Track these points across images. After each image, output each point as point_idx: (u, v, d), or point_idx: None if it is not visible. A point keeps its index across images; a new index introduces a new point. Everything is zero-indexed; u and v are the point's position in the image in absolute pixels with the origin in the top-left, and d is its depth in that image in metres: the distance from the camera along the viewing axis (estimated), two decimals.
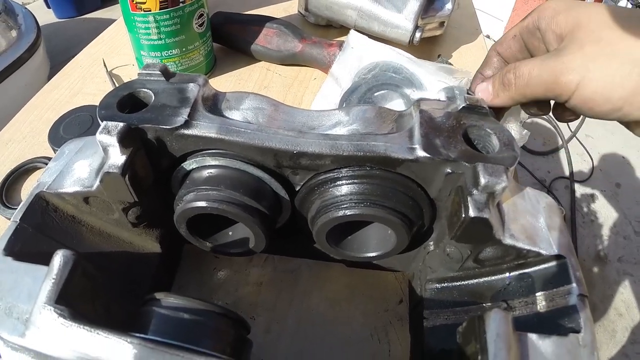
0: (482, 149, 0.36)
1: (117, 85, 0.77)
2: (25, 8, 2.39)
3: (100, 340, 0.27)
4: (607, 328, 1.62)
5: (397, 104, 0.63)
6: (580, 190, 2.09)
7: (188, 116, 0.36)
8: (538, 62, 0.36)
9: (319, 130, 0.38)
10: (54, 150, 0.62)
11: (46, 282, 0.29)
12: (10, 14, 2.14)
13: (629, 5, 2.77)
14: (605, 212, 2.04)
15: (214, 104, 0.39)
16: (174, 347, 0.26)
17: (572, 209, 1.98)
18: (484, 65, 0.45)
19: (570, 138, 2.19)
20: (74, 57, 0.87)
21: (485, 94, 0.40)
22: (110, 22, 1.00)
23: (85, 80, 0.81)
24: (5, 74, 1.97)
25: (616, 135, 2.29)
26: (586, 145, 2.26)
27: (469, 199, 0.33)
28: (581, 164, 2.20)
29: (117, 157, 0.35)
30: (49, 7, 3.52)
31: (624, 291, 1.75)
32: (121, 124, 0.34)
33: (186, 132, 0.35)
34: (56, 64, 2.63)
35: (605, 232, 1.96)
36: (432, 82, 0.64)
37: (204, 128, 0.35)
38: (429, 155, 0.33)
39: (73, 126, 0.65)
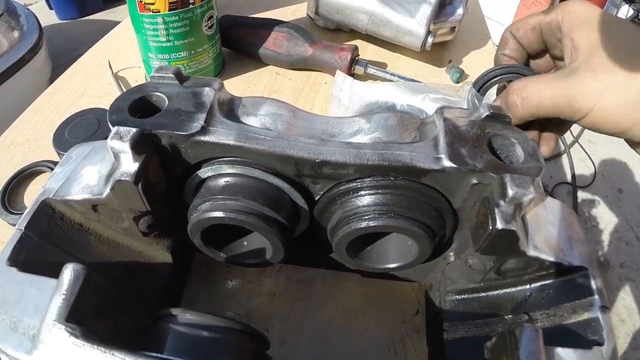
0: (506, 158, 0.35)
1: (123, 87, 0.76)
2: (28, 9, 2.40)
3: None
4: None
5: None
6: (582, 195, 2.10)
7: (204, 122, 0.34)
8: (549, 84, 0.37)
9: (339, 138, 0.37)
10: (59, 154, 0.61)
11: (56, 297, 0.28)
12: (13, 14, 2.14)
13: (630, 10, 2.79)
14: (607, 218, 2.04)
15: (230, 109, 0.38)
16: None
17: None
18: (501, 47, 0.46)
19: (573, 143, 2.19)
20: (76, 58, 0.86)
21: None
22: (112, 23, 1.00)
23: (90, 82, 0.80)
24: (7, 75, 1.97)
25: (618, 142, 2.29)
26: (588, 151, 2.27)
27: (496, 210, 0.32)
28: (583, 170, 2.21)
29: (130, 164, 0.34)
30: (51, 8, 3.53)
31: (626, 297, 1.75)
32: (134, 130, 0.33)
33: (203, 138, 0.34)
34: (58, 65, 2.63)
35: (607, 237, 1.97)
36: (430, 108, 0.65)
37: (222, 135, 0.34)
38: (455, 166, 0.32)
39: (79, 129, 0.63)
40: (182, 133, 0.34)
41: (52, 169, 0.61)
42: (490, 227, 0.32)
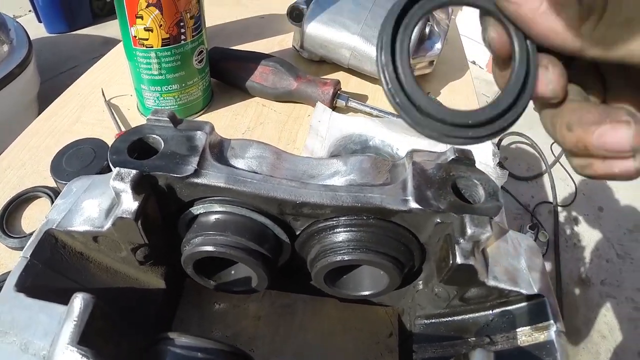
0: (469, 197, 0.39)
1: (115, 115, 0.79)
2: (17, 22, 2.37)
3: None
4: (590, 350, 1.65)
5: None
6: (563, 214, 2.14)
7: (197, 165, 0.38)
8: None
9: (318, 179, 0.41)
10: (56, 182, 0.63)
11: (67, 323, 0.31)
12: (3, 28, 2.14)
13: None
14: (588, 236, 2.08)
15: (220, 151, 0.42)
16: None
17: (556, 233, 2.03)
18: None
19: (554, 163, 2.25)
20: (64, 73, 0.89)
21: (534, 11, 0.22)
22: (101, 38, 1.02)
23: (84, 108, 0.82)
24: None
25: None
26: (569, 170, 2.30)
27: (456, 247, 0.36)
28: (564, 189, 2.25)
29: (130, 203, 0.37)
30: (40, 21, 3.49)
31: (607, 313, 1.79)
32: (134, 172, 0.36)
33: (196, 180, 0.38)
34: (46, 79, 2.63)
35: (588, 255, 2.01)
36: (403, 143, 0.68)
37: (213, 177, 0.38)
38: (421, 207, 0.36)
39: (75, 159, 0.66)
40: (177, 175, 0.37)
41: (49, 195, 0.64)
42: (451, 262, 0.35)
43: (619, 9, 0.20)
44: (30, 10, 3.60)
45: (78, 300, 0.32)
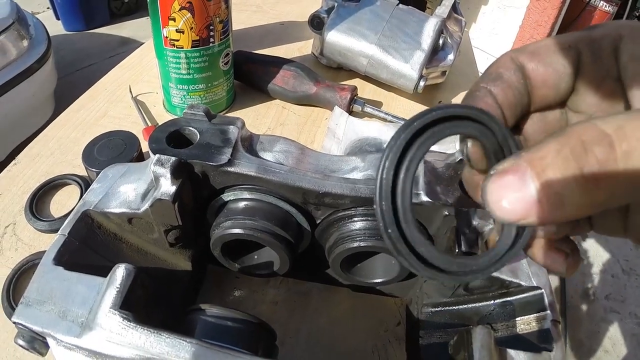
0: None
1: (142, 111, 0.83)
2: (37, 18, 2.43)
3: (162, 340, 0.32)
4: None
5: None
6: None
7: (231, 155, 0.42)
8: None
9: (339, 173, 0.44)
10: (87, 170, 0.67)
11: (110, 290, 0.35)
12: (23, 23, 2.19)
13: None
14: (594, 251, 2.10)
15: (250, 145, 0.46)
16: (224, 348, 0.33)
17: None
18: (488, 78, 0.28)
19: None
20: (81, 70, 0.92)
21: (521, 203, 0.19)
22: (118, 38, 1.06)
23: (111, 103, 0.86)
24: (14, 83, 2.02)
25: None
26: None
27: (462, 237, 0.39)
28: None
29: (168, 187, 0.40)
30: (58, 18, 3.56)
31: (611, 328, 1.80)
32: (173, 158, 0.40)
33: (229, 169, 0.42)
34: (63, 76, 2.67)
35: (595, 270, 2.02)
36: None
37: (245, 167, 0.42)
38: (430, 200, 0.40)
39: (106, 149, 0.69)
40: (212, 164, 0.41)
41: (78, 182, 0.67)
42: (457, 250, 0.39)
43: None
44: (48, 7, 3.66)
45: (121, 270, 0.36)
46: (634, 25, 0.25)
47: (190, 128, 0.45)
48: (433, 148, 0.24)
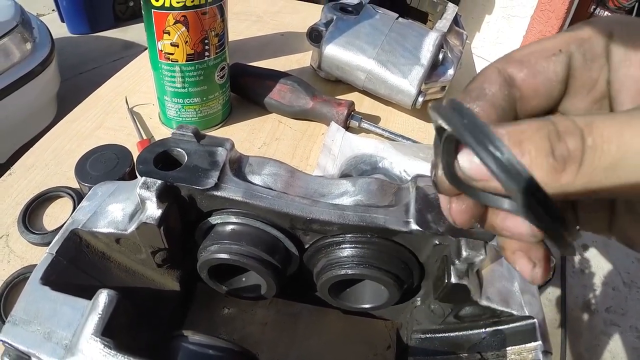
0: None
1: (137, 123, 0.82)
2: (41, 21, 2.43)
3: None
4: None
5: None
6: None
7: (218, 179, 0.41)
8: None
9: (328, 197, 0.44)
10: (80, 184, 0.66)
11: (92, 316, 0.34)
12: (27, 26, 2.19)
13: None
14: (596, 263, 2.07)
15: (238, 167, 0.45)
16: None
17: (563, 258, 2.03)
18: (469, 96, 0.26)
19: None
20: (84, 74, 0.92)
21: None
22: (122, 42, 1.06)
23: (107, 114, 0.86)
24: (17, 86, 2.02)
25: None
26: None
27: (451, 267, 0.38)
28: None
29: (154, 210, 0.40)
30: (62, 21, 3.57)
31: (611, 342, 1.78)
32: (159, 182, 0.39)
33: (215, 193, 0.41)
34: (66, 79, 2.67)
35: (595, 282, 2.00)
36: (410, 166, 0.71)
37: (231, 191, 0.41)
38: (421, 229, 0.39)
39: (99, 163, 0.68)
40: (199, 188, 0.41)
41: (71, 195, 0.66)
42: (446, 281, 0.38)
43: None
44: (53, 10, 3.67)
45: (103, 296, 0.35)
46: (623, 20, 0.25)
47: (179, 149, 0.44)
48: (427, 172, 0.22)
